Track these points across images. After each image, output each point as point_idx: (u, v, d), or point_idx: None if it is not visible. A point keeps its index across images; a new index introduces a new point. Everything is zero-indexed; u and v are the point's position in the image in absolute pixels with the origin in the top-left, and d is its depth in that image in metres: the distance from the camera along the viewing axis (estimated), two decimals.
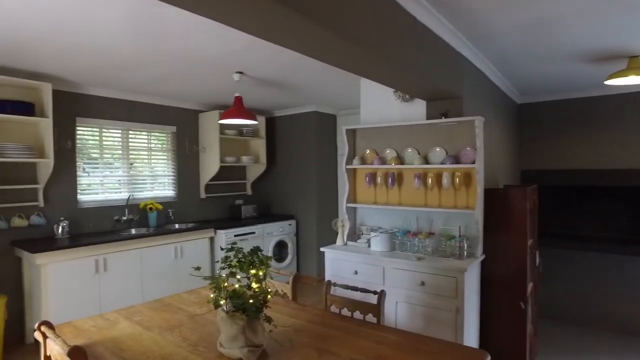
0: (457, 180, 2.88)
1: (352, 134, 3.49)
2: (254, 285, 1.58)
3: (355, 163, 3.37)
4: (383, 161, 3.24)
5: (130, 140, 4.51)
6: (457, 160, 2.91)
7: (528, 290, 2.87)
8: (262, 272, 1.60)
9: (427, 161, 3.06)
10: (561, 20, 2.45)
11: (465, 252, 2.78)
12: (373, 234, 3.10)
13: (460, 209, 2.89)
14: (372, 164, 3.27)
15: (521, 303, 2.82)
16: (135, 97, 4.45)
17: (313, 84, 4.15)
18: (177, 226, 4.55)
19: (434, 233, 3.01)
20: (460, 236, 2.84)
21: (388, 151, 3.29)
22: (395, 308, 2.77)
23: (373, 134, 3.38)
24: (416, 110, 3.22)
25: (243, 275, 1.60)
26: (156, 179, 4.78)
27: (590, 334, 3.73)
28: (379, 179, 3.25)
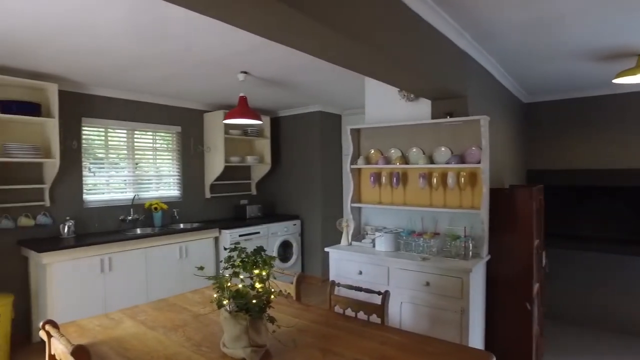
0: (463, 180, 2.86)
1: (357, 134, 3.48)
2: (258, 285, 1.58)
3: (359, 163, 3.35)
4: (388, 161, 3.23)
5: (135, 140, 4.53)
6: (463, 160, 2.89)
7: (534, 290, 2.84)
8: (266, 272, 1.59)
9: (432, 161, 3.04)
10: (566, 18, 2.43)
11: (470, 253, 2.76)
12: (378, 234, 3.08)
13: (465, 209, 2.87)
14: (377, 164, 3.25)
15: (527, 304, 2.80)
16: (140, 97, 4.47)
17: (318, 84, 4.14)
18: (182, 226, 4.56)
19: (439, 233, 2.99)
20: (465, 236, 2.82)
21: (393, 151, 3.27)
22: (399, 308, 2.76)
23: (378, 134, 3.37)
24: (421, 109, 3.20)
25: (246, 275, 1.60)
26: (161, 179, 4.80)
27: (590, 334, 3.71)
28: (384, 179, 3.24)
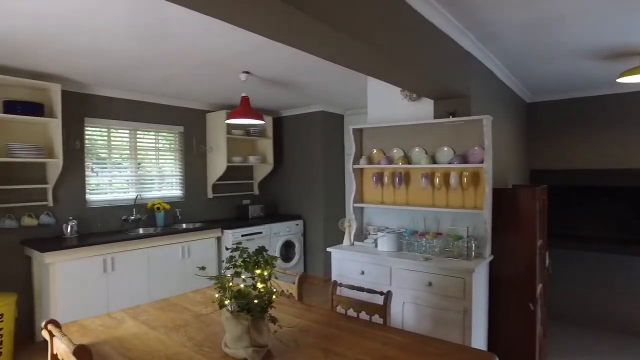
0: (465, 180, 2.84)
1: (359, 134, 3.47)
2: (259, 285, 1.57)
3: (362, 163, 3.35)
4: (390, 161, 3.22)
5: (138, 140, 4.54)
6: (465, 159, 2.88)
7: (537, 291, 2.83)
8: (267, 272, 1.59)
9: (435, 161, 3.03)
10: (567, 18, 2.42)
11: (473, 253, 2.75)
12: (380, 234, 3.08)
13: (468, 209, 2.85)
14: (379, 164, 3.25)
15: (530, 304, 2.78)
16: (142, 98, 4.47)
17: (320, 84, 4.14)
18: (185, 226, 4.57)
19: (442, 233, 2.98)
20: (468, 236, 2.81)
21: (395, 151, 3.27)
22: (402, 309, 2.75)
23: (380, 134, 3.36)
24: (423, 109, 3.19)
25: (248, 275, 1.60)
26: (164, 179, 4.81)
27: (591, 334, 3.70)
28: (386, 179, 3.23)
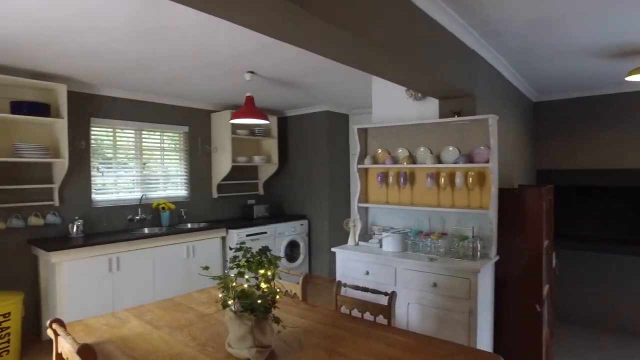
0: (471, 179, 2.82)
1: (364, 133, 3.46)
2: (263, 285, 1.57)
3: (366, 162, 3.33)
4: (395, 160, 3.21)
5: (143, 140, 4.56)
6: (471, 159, 2.86)
7: (544, 292, 2.80)
8: (271, 272, 1.59)
9: (440, 160, 3.01)
10: (574, 15, 2.39)
11: (478, 253, 2.73)
12: (385, 234, 3.06)
13: (473, 209, 2.83)
14: (384, 164, 3.23)
15: (537, 305, 2.76)
16: (147, 98, 4.49)
17: (325, 84, 4.13)
18: (189, 226, 4.58)
19: (447, 233, 2.96)
20: (473, 237, 2.79)
21: (400, 150, 3.25)
22: (406, 309, 2.74)
23: (385, 133, 3.35)
24: (428, 108, 3.17)
25: (252, 275, 1.59)
26: (169, 179, 4.82)
27: (594, 335, 3.67)
28: (391, 179, 3.21)
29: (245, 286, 1.60)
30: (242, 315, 1.51)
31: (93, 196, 4.10)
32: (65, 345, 1.48)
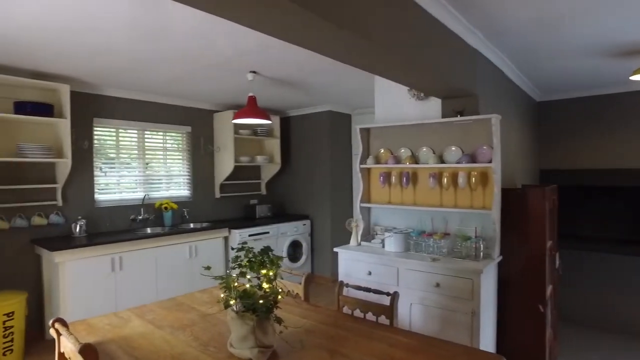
0: (474, 179, 2.81)
1: (366, 133, 3.46)
2: (265, 285, 1.57)
3: (369, 162, 3.33)
4: (397, 160, 3.20)
5: (146, 140, 4.57)
6: (474, 159, 2.85)
7: (547, 292, 2.79)
8: (273, 272, 1.58)
9: (443, 160, 3.00)
10: (578, 14, 2.37)
11: (481, 254, 2.72)
12: (387, 234, 3.06)
13: (476, 209, 2.82)
14: (387, 164, 3.23)
15: (540, 306, 2.74)
16: (150, 98, 4.50)
17: (327, 83, 4.13)
18: (192, 226, 4.58)
19: (450, 234, 2.96)
20: (476, 237, 2.78)
21: (402, 150, 3.24)
22: (409, 310, 2.73)
23: (387, 133, 3.34)
24: (431, 108, 3.17)
25: (254, 275, 1.59)
26: (171, 179, 4.83)
27: (602, 337, 3.65)
28: (394, 179, 3.21)
29: (247, 286, 1.59)
30: (244, 315, 1.51)
31: (96, 196, 4.12)
32: (67, 344, 1.48)
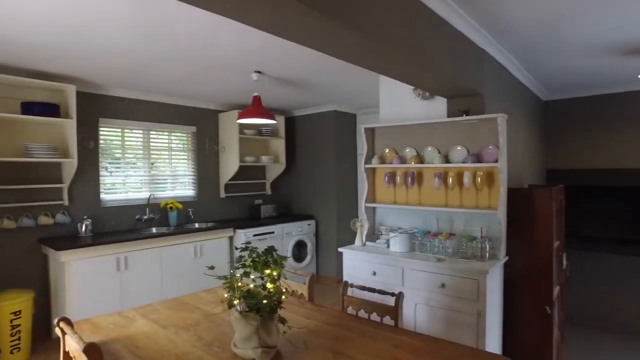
0: (479, 179, 2.79)
1: (371, 133, 3.44)
2: (269, 285, 1.56)
3: (374, 162, 3.31)
4: (402, 160, 3.18)
5: (151, 140, 4.58)
6: (479, 159, 2.82)
7: (554, 293, 2.76)
8: (277, 272, 1.58)
9: (448, 160, 2.98)
10: (584, 13, 2.35)
11: (487, 254, 2.69)
12: (392, 235, 3.04)
13: (482, 209, 2.80)
14: (392, 163, 3.21)
15: (547, 307, 2.71)
16: (155, 98, 4.52)
17: (332, 83, 4.12)
18: (197, 225, 4.59)
19: (455, 234, 2.93)
20: (482, 237, 2.76)
21: (407, 150, 3.23)
22: (414, 310, 2.71)
23: (392, 133, 3.33)
24: (436, 107, 3.15)
25: (258, 275, 1.59)
26: (177, 179, 4.85)
27: (611, 339, 3.62)
28: (399, 179, 3.19)
29: (251, 286, 1.59)
30: (248, 315, 1.50)
31: (102, 196, 4.14)
32: (72, 343, 1.48)
